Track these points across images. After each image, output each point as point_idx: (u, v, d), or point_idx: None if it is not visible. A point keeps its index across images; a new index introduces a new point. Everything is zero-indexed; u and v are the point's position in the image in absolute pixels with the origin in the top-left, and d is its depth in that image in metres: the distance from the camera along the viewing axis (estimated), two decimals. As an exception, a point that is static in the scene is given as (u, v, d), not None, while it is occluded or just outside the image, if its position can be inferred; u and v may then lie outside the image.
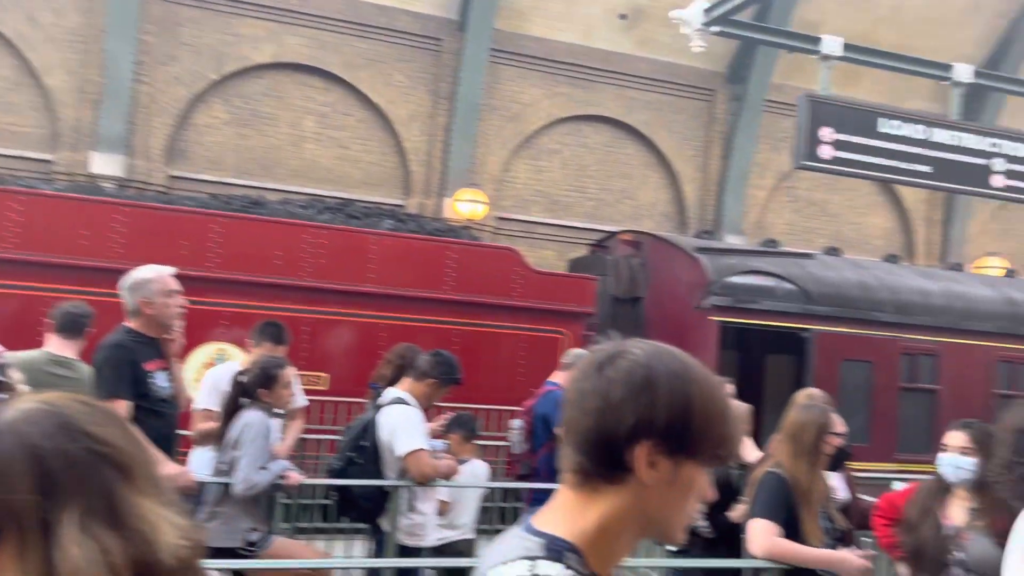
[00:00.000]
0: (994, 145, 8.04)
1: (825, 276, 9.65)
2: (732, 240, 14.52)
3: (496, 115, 14.57)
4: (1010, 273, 12.77)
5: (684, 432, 1.12)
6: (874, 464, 8.73)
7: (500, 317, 8.69)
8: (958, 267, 12.53)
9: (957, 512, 3.42)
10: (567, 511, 1.16)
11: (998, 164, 8.07)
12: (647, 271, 10.24)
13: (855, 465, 8.55)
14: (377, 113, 14.15)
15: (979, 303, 10.15)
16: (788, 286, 9.36)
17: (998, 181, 8.08)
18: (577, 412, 1.15)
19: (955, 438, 3.42)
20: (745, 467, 4.29)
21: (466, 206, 13.43)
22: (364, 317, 8.03)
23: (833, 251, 10.99)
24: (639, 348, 1.17)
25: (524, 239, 14.39)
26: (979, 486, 3.18)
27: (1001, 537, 2.25)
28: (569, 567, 1.08)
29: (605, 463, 1.12)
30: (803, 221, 16.64)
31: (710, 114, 15.83)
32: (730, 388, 6.05)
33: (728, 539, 4.01)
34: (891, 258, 11.42)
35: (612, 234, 11.69)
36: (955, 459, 3.37)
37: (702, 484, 1.18)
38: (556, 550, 1.10)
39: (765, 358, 11.34)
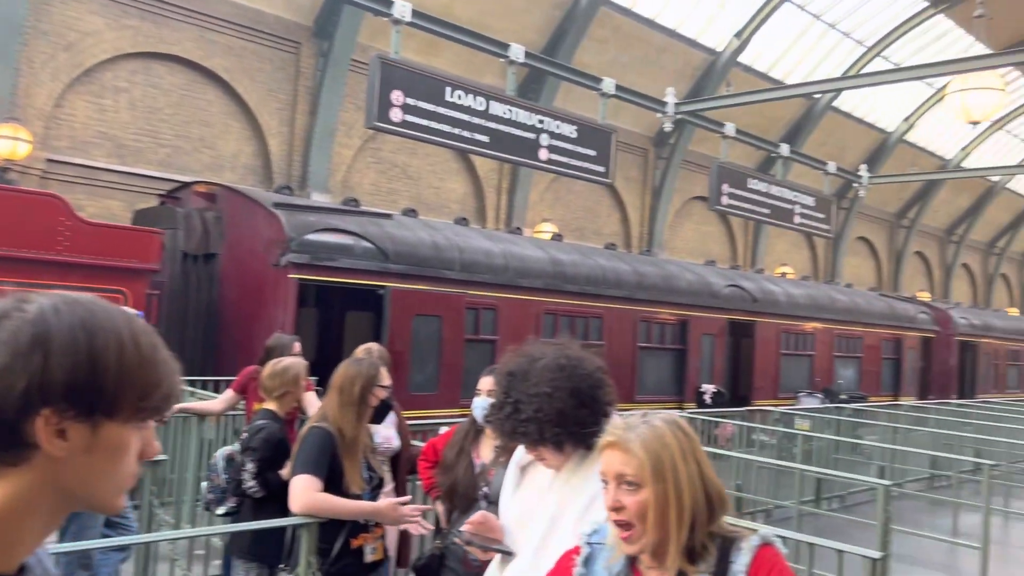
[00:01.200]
0: (541, 122, 9.05)
1: (401, 236, 10.06)
2: (319, 198, 14.47)
3: (46, 41, 12.56)
4: (557, 237, 14.65)
5: (94, 390, 0.97)
6: (442, 410, 9.42)
7: (43, 274, 7.54)
8: (518, 231, 14.01)
9: (487, 450, 3.76)
10: None
11: (544, 139, 9.11)
12: (222, 226, 9.71)
13: (425, 412, 9.16)
14: None
15: (531, 263, 11.45)
16: (366, 244, 9.58)
17: (544, 155, 9.13)
18: None
19: (485, 382, 3.74)
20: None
21: (2, 143, 11.39)
22: None
23: (410, 212, 11.52)
24: (32, 303, 0.98)
25: (84, 186, 12.75)
26: (499, 425, 3.50)
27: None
28: None
29: None
30: (387, 182, 17.20)
31: (296, 68, 15.48)
32: (297, 346, 6.00)
33: (280, 497, 3.93)
34: (461, 221, 12.33)
35: (185, 185, 10.86)
36: (483, 401, 3.68)
37: (137, 443, 1.04)
38: None
39: (345, 314, 11.55)
